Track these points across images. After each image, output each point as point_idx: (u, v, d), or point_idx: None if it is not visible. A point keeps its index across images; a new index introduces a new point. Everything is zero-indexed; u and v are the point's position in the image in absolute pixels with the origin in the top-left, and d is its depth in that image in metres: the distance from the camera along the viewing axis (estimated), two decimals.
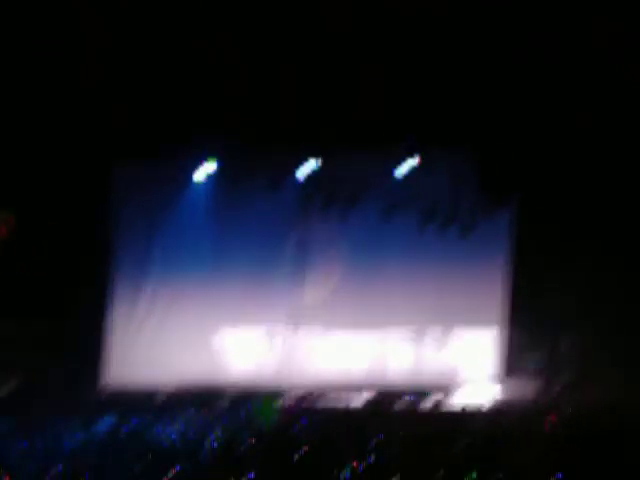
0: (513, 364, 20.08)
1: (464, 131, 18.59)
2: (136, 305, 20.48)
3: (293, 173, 20.13)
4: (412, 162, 19.83)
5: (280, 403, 18.73)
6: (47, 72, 17.41)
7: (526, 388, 19.35)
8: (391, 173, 19.99)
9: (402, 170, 19.92)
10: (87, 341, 19.70)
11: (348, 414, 18.33)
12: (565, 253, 19.07)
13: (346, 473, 14.02)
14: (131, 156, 19.32)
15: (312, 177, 20.12)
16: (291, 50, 17.14)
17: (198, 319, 20.33)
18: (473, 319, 20.17)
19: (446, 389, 19.86)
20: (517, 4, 16.80)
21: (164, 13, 16.98)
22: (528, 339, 19.96)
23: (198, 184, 20.20)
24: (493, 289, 19.97)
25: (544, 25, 16.85)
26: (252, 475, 14.16)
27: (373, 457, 14.52)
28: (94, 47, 17.10)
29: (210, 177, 20.10)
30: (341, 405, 19.48)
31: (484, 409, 18.67)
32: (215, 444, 15.56)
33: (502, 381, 19.96)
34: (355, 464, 14.05)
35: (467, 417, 17.76)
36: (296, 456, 14.91)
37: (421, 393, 19.75)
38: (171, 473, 14.30)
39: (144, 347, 20.27)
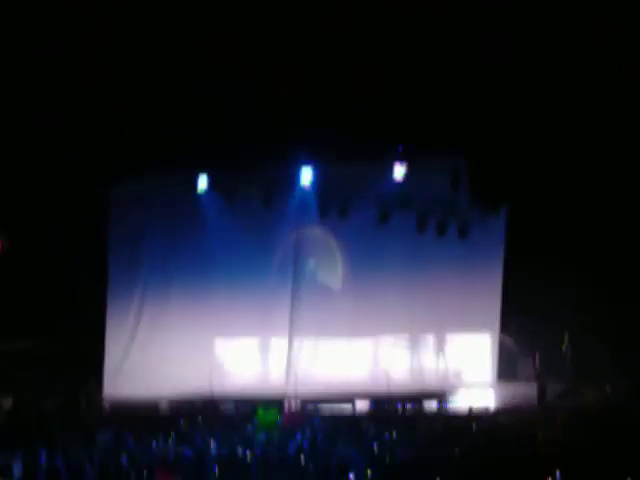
0: (510, 369, 20.21)
1: (458, 136, 18.58)
2: (134, 319, 20.55)
3: (288, 184, 20.16)
4: (405, 169, 19.74)
5: (280, 412, 18.71)
6: (47, 72, 17.39)
7: (523, 393, 19.38)
8: (385, 181, 19.97)
9: (395, 178, 19.85)
10: (86, 357, 19.73)
11: (347, 421, 18.31)
12: (560, 258, 19.06)
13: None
14: (125, 167, 19.32)
15: (307, 187, 20.13)
16: (291, 50, 17.11)
17: (196, 331, 20.46)
18: (468, 325, 20.30)
19: (443, 394, 19.98)
20: (517, 4, 16.76)
21: (164, 13, 16.94)
22: (525, 344, 20.04)
23: (194, 197, 20.20)
24: (488, 295, 20.07)
25: (544, 25, 16.82)
26: None
27: (375, 463, 14.58)
28: (94, 47, 17.07)
29: (205, 189, 20.09)
30: (340, 412, 19.52)
31: (481, 413, 18.68)
32: (216, 454, 15.57)
33: (497, 385, 20.05)
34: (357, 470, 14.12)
35: (464, 421, 17.78)
36: (297, 464, 14.94)
37: (418, 398, 19.87)
38: None
39: (143, 360, 20.42)
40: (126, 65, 17.35)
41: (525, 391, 19.36)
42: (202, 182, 19.97)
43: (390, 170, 19.80)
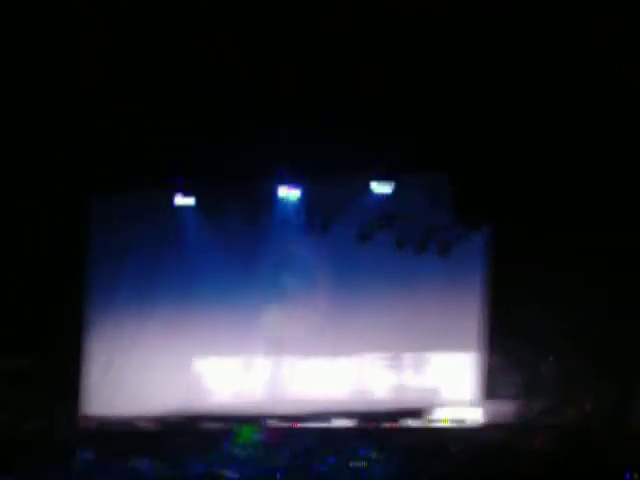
0: (491, 388, 20.02)
1: (444, 148, 18.56)
2: (114, 337, 20.42)
3: (271, 200, 20.08)
4: (388, 186, 19.65)
5: (260, 432, 18.66)
6: (47, 72, 17.39)
7: (504, 412, 19.28)
8: (368, 197, 19.86)
9: (378, 195, 19.75)
10: (64, 376, 19.62)
11: (328, 439, 18.27)
12: (543, 276, 18.96)
13: None
14: (107, 184, 19.28)
15: (291, 203, 20.05)
16: (291, 50, 17.12)
17: (176, 349, 20.33)
18: (450, 343, 20.12)
19: (424, 412, 19.86)
20: (517, 4, 16.77)
21: (164, 13, 16.96)
22: (506, 363, 19.92)
23: (173, 212, 20.08)
24: (470, 313, 19.92)
25: (544, 25, 16.83)
26: None
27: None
28: (94, 47, 17.08)
29: (186, 204, 19.97)
30: (321, 430, 19.41)
31: (463, 431, 18.64)
32: (195, 473, 15.55)
33: (480, 405, 19.92)
34: None
35: (446, 439, 17.77)
36: None
37: (400, 416, 19.75)
38: None
39: (123, 379, 20.28)
40: (126, 65, 17.34)
41: (507, 409, 19.25)
42: (185, 197, 19.81)
43: (373, 186, 19.75)
